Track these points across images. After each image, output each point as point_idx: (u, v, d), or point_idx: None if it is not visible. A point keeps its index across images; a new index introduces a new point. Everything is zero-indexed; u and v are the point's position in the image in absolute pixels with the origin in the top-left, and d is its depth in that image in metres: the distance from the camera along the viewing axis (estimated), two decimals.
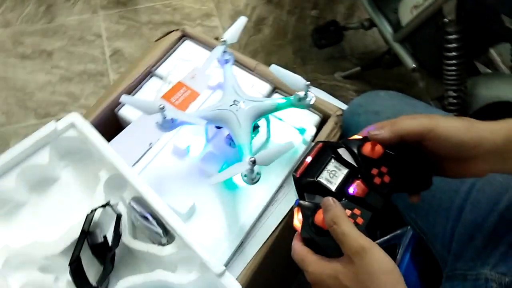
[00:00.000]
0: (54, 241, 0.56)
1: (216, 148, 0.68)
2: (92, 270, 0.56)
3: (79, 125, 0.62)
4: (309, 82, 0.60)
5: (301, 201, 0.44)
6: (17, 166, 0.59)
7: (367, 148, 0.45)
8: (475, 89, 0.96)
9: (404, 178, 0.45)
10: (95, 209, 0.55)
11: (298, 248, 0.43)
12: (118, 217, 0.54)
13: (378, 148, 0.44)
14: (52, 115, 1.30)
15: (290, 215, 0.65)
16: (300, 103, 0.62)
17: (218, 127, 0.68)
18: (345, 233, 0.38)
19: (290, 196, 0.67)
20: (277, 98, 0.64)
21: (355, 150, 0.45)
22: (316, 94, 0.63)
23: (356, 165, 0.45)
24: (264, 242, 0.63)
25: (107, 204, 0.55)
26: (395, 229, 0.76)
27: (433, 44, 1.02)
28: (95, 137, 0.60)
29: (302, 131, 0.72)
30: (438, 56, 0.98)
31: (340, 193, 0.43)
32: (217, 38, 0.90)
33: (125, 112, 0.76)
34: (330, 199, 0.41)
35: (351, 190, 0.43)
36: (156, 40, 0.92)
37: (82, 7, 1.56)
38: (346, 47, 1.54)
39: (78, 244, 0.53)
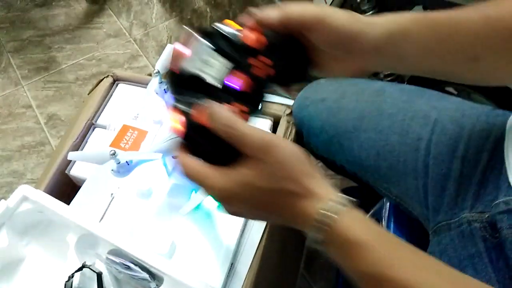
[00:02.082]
0: None
1: (180, 178, 0.67)
2: None
3: (31, 196, 0.58)
4: None
5: (178, 97, 0.38)
6: None
7: (248, 36, 0.39)
8: None
9: (285, 70, 0.41)
10: (72, 275, 0.52)
11: (189, 163, 0.37)
12: (99, 276, 0.51)
13: (261, 37, 0.40)
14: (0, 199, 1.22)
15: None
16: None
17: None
18: (245, 133, 0.35)
19: None
20: None
21: (236, 40, 0.40)
22: None
23: (238, 57, 0.39)
24: (254, 256, 0.62)
25: (83, 266, 0.52)
26: (373, 205, 0.77)
27: None
28: (53, 203, 0.57)
29: None
30: None
31: (223, 88, 0.38)
32: (150, 75, 0.89)
33: (76, 170, 0.73)
34: (214, 105, 0.36)
35: (235, 84, 0.38)
36: (89, 92, 0.89)
37: (2, 83, 1.50)
38: None
39: None
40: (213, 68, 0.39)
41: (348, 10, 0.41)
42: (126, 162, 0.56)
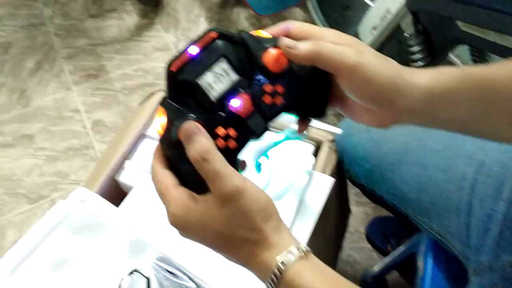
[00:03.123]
0: None
1: None
2: None
3: (88, 199, 0.63)
4: None
5: (170, 101, 0.35)
6: (34, 251, 0.59)
7: (270, 56, 0.35)
8: None
9: (298, 103, 0.38)
10: (122, 279, 0.55)
11: (159, 173, 0.35)
12: (148, 281, 0.54)
13: (283, 61, 0.36)
14: (45, 197, 1.29)
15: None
16: (296, 135, 0.65)
17: None
18: (218, 172, 0.32)
19: (302, 229, 0.68)
20: (273, 135, 0.66)
21: (256, 54, 0.36)
22: None
23: (250, 74, 0.36)
24: None
25: (134, 270, 0.55)
26: (410, 238, 0.78)
27: (398, 58, 1.08)
28: (107, 207, 0.61)
29: (301, 162, 0.74)
30: None
31: (220, 105, 0.35)
32: None
33: (125, 177, 0.77)
34: (193, 125, 0.33)
35: (234, 104, 0.35)
36: (141, 103, 0.94)
37: (55, 87, 1.59)
38: None
39: None
40: (217, 79, 0.35)
41: (389, 60, 0.37)
42: None
